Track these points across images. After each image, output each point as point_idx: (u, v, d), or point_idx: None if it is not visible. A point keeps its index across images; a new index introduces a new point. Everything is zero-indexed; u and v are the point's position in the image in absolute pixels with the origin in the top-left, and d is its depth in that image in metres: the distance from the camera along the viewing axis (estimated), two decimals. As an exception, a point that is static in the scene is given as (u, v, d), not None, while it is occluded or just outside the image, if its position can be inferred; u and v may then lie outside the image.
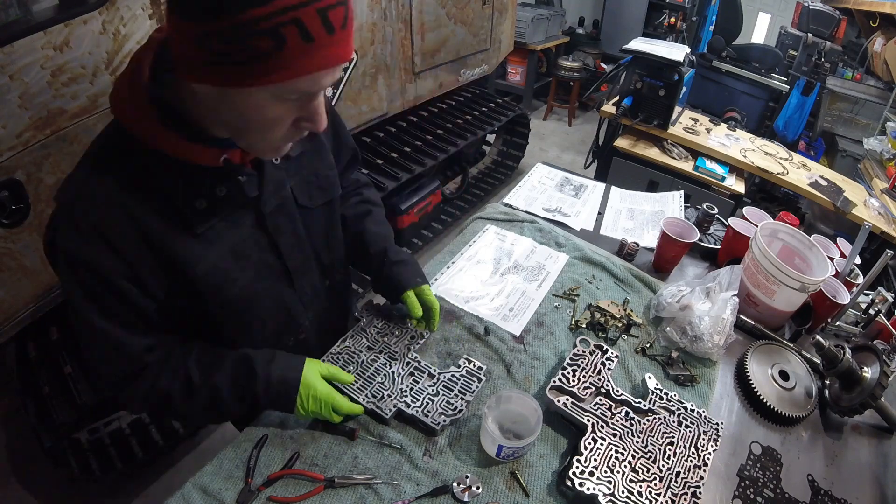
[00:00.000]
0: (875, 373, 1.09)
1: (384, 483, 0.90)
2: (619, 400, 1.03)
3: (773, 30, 5.83)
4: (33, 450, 2.01)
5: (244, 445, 0.94)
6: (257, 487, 0.87)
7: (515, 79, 5.53)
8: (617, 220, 1.75)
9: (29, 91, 1.37)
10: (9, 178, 1.40)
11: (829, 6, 4.56)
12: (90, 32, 1.45)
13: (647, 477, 0.90)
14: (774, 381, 1.16)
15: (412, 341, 1.14)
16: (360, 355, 1.08)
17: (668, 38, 5.02)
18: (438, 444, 0.97)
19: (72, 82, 1.45)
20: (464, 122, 3.37)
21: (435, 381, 1.06)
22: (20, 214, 1.46)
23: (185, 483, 0.89)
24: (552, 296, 1.36)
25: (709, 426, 1.01)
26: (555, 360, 1.17)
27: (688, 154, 2.88)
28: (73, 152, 1.52)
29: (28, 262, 1.53)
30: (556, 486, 0.92)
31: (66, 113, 1.47)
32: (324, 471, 0.91)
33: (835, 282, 1.35)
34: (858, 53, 4.34)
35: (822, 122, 4.33)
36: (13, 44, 1.31)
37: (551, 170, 2.01)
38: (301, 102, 0.71)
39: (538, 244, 1.55)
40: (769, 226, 1.41)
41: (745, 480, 0.98)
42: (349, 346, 1.11)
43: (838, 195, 2.65)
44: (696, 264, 1.59)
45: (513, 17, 3.84)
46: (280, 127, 0.72)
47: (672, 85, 2.74)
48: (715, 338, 1.18)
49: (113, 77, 1.54)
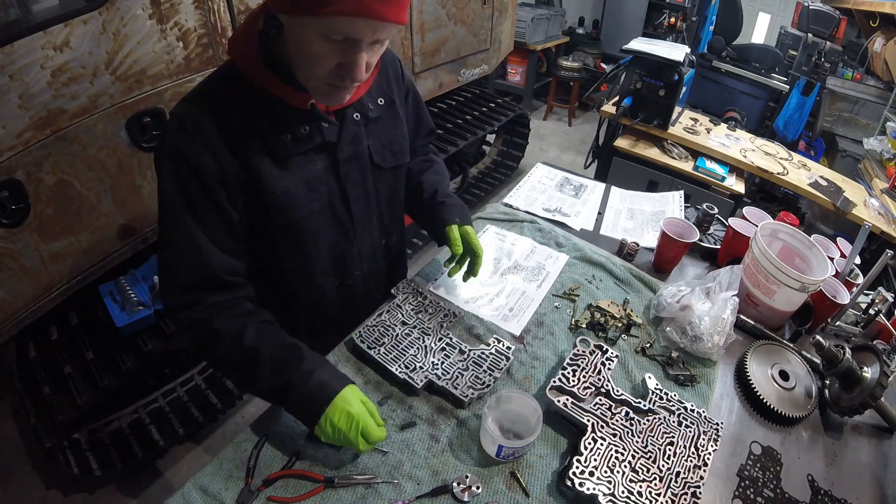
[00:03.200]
0: (875, 373, 1.09)
1: (384, 483, 0.90)
2: (619, 400, 1.03)
3: (773, 30, 5.83)
4: (33, 450, 2.01)
5: (244, 445, 0.94)
6: (257, 487, 0.87)
7: (515, 79, 5.53)
8: (617, 220, 1.75)
9: (29, 91, 1.37)
10: (9, 178, 1.40)
11: (829, 6, 4.56)
12: (90, 32, 1.45)
13: (647, 477, 0.90)
14: (774, 381, 1.16)
15: (445, 319, 1.20)
16: (394, 329, 1.15)
17: (668, 38, 5.02)
18: (440, 443, 0.97)
19: (72, 82, 1.45)
20: (464, 122, 3.37)
21: (465, 357, 1.11)
22: (20, 214, 1.46)
23: (185, 483, 0.89)
24: (552, 296, 1.36)
25: (709, 426, 1.01)
26: (555, 360, 1.17)
27: (688, 154, 2.88)
28: (72, 152, 1.52)
29: (28, 262, 1.53)
30: (556, 486, 0.92)
31: (66, 113, 1.47)
32: (324, 471, 0.91)
33: (835, 282, 1.35)
34: (858, 53, 4.34)
35: (822, 122, 4.33)
36: (13, 44, 1.31)
37: (551, 170, 2.01)
38: (344, 48, 0.79)
39: (538, 244, 1.55)
40: (769, 226, 1.41)
41: (745, 480, 0.98)
42: (384, 319, 1.17)
43: (838, 195, 2.65)
44: (696, 264, 1.59)
45: (513, 17, 3.83)
46: (322, 65, 0.81)
47: (672, 85, 2.74)
48: (715, 338, 1.18)
49: (113, 77, 1.55)
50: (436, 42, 2.99)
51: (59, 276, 1.63)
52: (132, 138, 1.65)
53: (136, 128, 1.65)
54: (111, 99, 1.56)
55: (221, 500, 0.86)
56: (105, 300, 1.79)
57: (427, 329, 1.16)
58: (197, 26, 1.70)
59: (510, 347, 1.14)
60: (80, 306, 1.87)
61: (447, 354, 1.11)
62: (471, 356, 1.11)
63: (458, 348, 1.12)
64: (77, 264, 1.67)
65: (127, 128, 1.63)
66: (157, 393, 2.13)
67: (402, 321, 1.18)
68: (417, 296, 1.25)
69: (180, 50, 1.69)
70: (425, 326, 1.17)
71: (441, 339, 1.14)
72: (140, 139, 1.67)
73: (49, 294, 1.63)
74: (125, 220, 1.74)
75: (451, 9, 2.99)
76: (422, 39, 2.86)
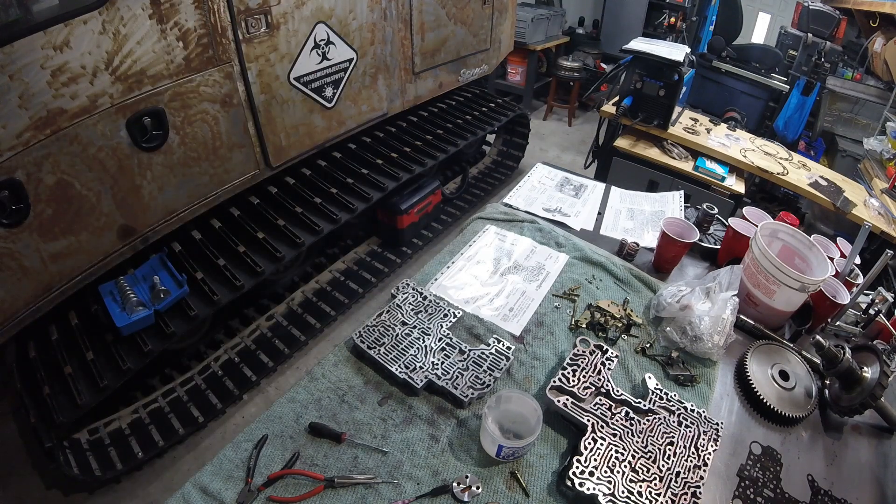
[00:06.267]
0: (875, 373, 1.09)
1: (384, 483, 0.90)
2: (619, 400, 1.03)
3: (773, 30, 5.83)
4: (33, 450, 2.01)
5: (244, 445, 0.94)
6: (257, 487, 0.87)
7: (515, 79, 5.52)
8: (617, 220, 1.75)
9: (29, 91, 1.37)
10: (9, 178, 1.40)
11: (829, 6, 4.55)
12: (90, 32, 1.45)
13: (647, 477, 0.90)
14: (774, 381, 1.16)
15: (445, 319, 1.20)
16: (394, 329, 1.16)
17: (668, 38, 5.02)
18: (440, 443, 0.97)
19: (72, 82, 1.45)
20: (464, 122, 3.37)
21: (465, 357, 1.11)
22: (20, 214, 1.46)
23: (185, 483, 0.89)
24: (552, 296, 1.36)
25: (709, 426, 1.01)
26: (555, 360, 1.17)
27: (688, 154, 2.88)
28: (72, 152, 1.52)
29: (28, 262, 1.53)
30: (556, 486, 0.92)
31: (66, 113, 1.47)
32: (324, 471, 0.91)
33: (835, 282, 1.35)
34: (858, 53, 4.34)
35: (822, 122, 4.32)
36: (13, 44, 1.31)
37: (551, 170, 2.01)
38: None
39: (538, 244, 1.55)
40: (769, 226, 1.41)
41: (745, 480, 0.98)
42: (384, 319, 1.18)
43: (838, 195, 2.65)
44: (696, 264, 1.59)
45: (513, 17, 3.83)
46: None
47: (672, 85, 2.75)
48: (715, 338, 1.18)
49: (113, 77, 1.54)
50: (436, 42, 2.99)
51: (59, 276, 1.63)
52: (132, 138, 1.65)
53: (136, 128, 1.64)
54: (111, 99, 1.56)
55: (221, 500, 0.86)
56: (105, 300, 1.79)
57: (427, 329, 1.16)
58: (197, 26, 1.70)
59: (510, 347, 1.15)
60: (80, 306, 1.87)
61: (447, 354, 1.11)
62: (471, 356, 1.11)
63: (458, 348, 1.13)
64: (77, 264, 1.67)
65: (127, 128, 1.63)
66: (157, 393, 2.13)
67: (402, 321, 1.18)
68: (417, 296, 1.25)
69: (180, 50, 1.69)
70: (425, 326, 1.17)
71: (441, 339, 1.14)
72: (140, 139, 1.67)
73: (49, 294, 1.63)
74: (125, 220, 1.74)
75: (451, 9, 2.99)
76: (422, 39, 2.86)
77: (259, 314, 2.55)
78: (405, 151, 2.89)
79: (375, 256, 3.04)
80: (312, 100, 2.27)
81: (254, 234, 2.15)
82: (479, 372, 1.08)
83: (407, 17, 2.68)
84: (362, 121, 2.67)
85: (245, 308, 2.54)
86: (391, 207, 2.92)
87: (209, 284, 1.95)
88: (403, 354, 1.10)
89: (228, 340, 2.41)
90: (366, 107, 2.64)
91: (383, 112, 2.81)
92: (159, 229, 1.88)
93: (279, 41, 2.00)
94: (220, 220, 2.19)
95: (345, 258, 2.99)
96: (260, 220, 2.23)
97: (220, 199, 2.06)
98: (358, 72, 2.48)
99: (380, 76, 2.64)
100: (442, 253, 1.50)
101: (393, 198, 2.90)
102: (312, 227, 2.26)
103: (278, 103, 2.11)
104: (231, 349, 2.37)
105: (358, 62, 2.45)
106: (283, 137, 2.21)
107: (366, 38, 2.44)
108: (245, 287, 1.99)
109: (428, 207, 3.20)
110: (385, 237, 3.12)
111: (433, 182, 3.21)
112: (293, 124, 2.23)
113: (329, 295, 2.72)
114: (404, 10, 2.64)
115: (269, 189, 2.37)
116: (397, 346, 1.12)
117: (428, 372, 1.06)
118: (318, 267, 2.90)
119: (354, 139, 2.81)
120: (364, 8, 2.35)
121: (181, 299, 1.89)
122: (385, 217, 3.00)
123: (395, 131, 3.02)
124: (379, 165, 2.73)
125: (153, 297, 1.83)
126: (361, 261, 2.99)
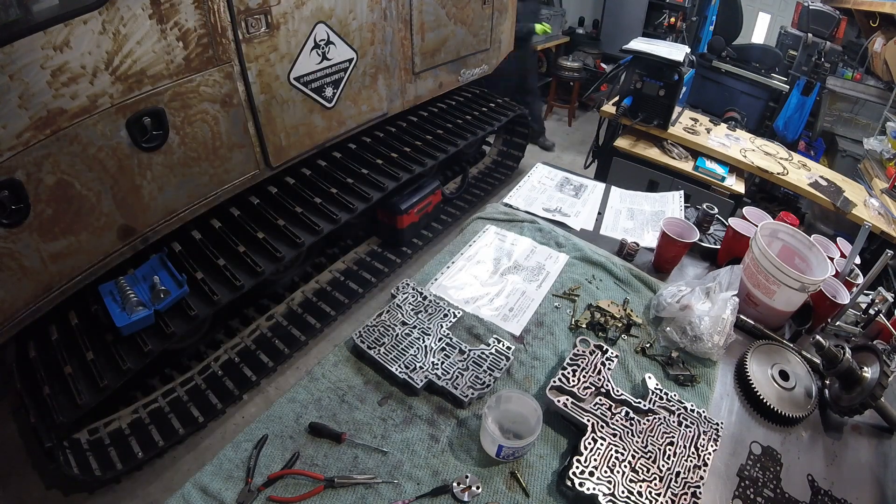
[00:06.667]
0: (875, 373, 1.09)
1: (384, 483, 0.90)
2: (619, 400, 1.03)
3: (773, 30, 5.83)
4: (33, 450, 2.01)
5: (244, 445, 0.94)
6: (257, 487, 0.87)
7: (515, 79, 5.52)
8: (617, 220, 1.75)
9: (29, 91, 1.37)
10: (9, 178, 1.40)
11: (829, 6, 4.55)
12: (90, 32, 1.45)
13: (647, 477, 0.90)
14: (774, 381, 1.16)
15: (445, 319, 1.21)
16: (394, 329, 1.16)
17: (668, 38, 5.02)
18: (440, 443, 0.97)
19: (72, 82, 1.45)
20: (464, 122, 3.37)
21: (465, 357, 1.11)
22: (20, 214, 1.46)
23: (185, 483, 0.89)
24: (552, 296, 1.36)
25: (709, 426, 1.01)
26: (555, 360, 1.17)
27: (688, 154, 2.87)
28: (72, 152, 1.52)
29: (28, 262, 1.53)
30: (556, 486, 0.92)
31: (66, 113, 1.47)
32: (324, 471, 0.91)
33: (835, 282, 1.35)
34: (858, 53, 4.33)
35: (822, 122, 4.32)
36: (13, 44, 1.31)
37: (551, 170, 2.01)
38: None
39: (538, 244, 1.55)
40: (769, 226, 1.41)
41: (745, 480, 0.98)
42: (384, 319, 1.18)
43: (838, 195, 2.65)
44: (696, 264, 1.59)
45: (513, 17, 3.83)
46: None
47: (672, 85, 2.74)
48: (715, 338, 1.18)
49: (113, 77, 1.54)
50: (436, 42, 2.99)
51: (59, 276, 1.63)
52: (132, 138, 1.65)
53: (136, 128, 1.64)
54: (111, 99, 1.56)
55: (221, 500, 0.86)
56: (105, 300, 1.79)
57: (427, 329, 1.16)
58: (197, 26, 1.70)
59: (510, 347, 1.15)
60: (80, 306, 1.87)
61: (447, 354, 1.11)
62: (471, 356, 1.11)
63: (458, 348, 1.13)
64: (77, 264, 1.67)
65: (127, 128, 1.63)
66: (157, 393, 2.13)
67: (402, 321, 1.18)
68: (417, 296, 1.25)
69: (180, 50, 1.69)
70: (425, 326, 1.17)
71: (441, 339, 1.15)
72: (140, 139, 1.67)
73: (49, 294, 1.63)
74: (125, 220, 1.74)
75: (451, 9, 2.99)
76: (422, 39, 2.86)
77: (259, 314, 2.55)
78: (405, 151, 2.89)
79: (375, 256, 3.04)
80: (312, 100, 2.28)
81: (254, 234, 2.15)
82: (479, 372, 1.08)
83: (407, 17, 2.68)
84: (362, 121, 2.67)
85: (245, 308, 2.54)
86: (391, 207, 2.92)
87: (209, 284, 1.95)
88: (403, 354, 1.10)
89: (228, 340, 2.41)
90: (366, 107, 2.64)
91: (383, 112, 2.81)
92: (159, 229, 1.88)
93: (279, 41, 2.00)
94: (220, 220, 2.19)
95: (345, 258, 2.99)
96: (260, 220, 2.23)
97: (220, 199, 2.06)
98: (358, 72, 2.48)
99: (380, 76, 2.64)
100: (442, 253, 1.50)
101: (393, 198, 2.90)
102: (312, 227, 2.26)
103: (278, 103, 2.11)
104: (231, 349, 2.37)
105: (358, 62, 2.45)
106: (283, 137, 2.21)
107: (366, 38, 2.44)
108: (245, 287, 1.99)
109: (428, 207, 3.20)
110: (385, 237, 3.12)
111: (433, 182, 3.21)
112: (293, 124, 2.23)
113: (329, 295, 2.72)
114: (404, 10, 2.64)
115: (269, 189, 2.37)
116: (397, 346, 1.12)
117: (428, 372, 1.06)
118: (318, 267, 2.90)
119: (354, 139, 2.81)
120: (364, 8, 2.35)
121: (181, 299, 1.89)
122: (385, 217, 3.00)
123: (395, 131, 3.02)
124: (379, 165, 2.73)
125: (153, 297, 1.83)
126: (361, 261, 3.00)
